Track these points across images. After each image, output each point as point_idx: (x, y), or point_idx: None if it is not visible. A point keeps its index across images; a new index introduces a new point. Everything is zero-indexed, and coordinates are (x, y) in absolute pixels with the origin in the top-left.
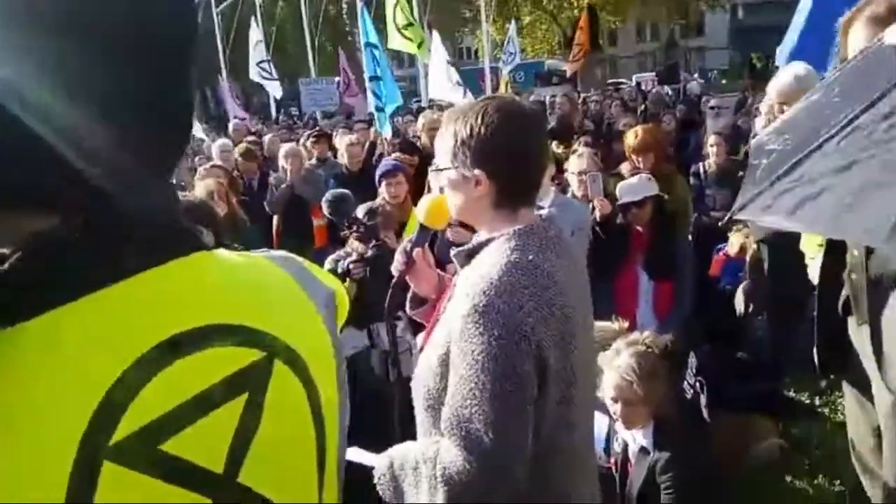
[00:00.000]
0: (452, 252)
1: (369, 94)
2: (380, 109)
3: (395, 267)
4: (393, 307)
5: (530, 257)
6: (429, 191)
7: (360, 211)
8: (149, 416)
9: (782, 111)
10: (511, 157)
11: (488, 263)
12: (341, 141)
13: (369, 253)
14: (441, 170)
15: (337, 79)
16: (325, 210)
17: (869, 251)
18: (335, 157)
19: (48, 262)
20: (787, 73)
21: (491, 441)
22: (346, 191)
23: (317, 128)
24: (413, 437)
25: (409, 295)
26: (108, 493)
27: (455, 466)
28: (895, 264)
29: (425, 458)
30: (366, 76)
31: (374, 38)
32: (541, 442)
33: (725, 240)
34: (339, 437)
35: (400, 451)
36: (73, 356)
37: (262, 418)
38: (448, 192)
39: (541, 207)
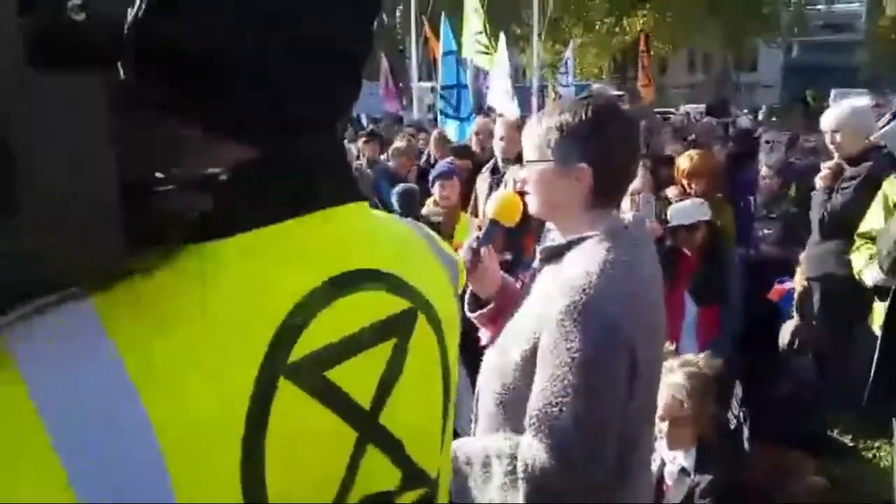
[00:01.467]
0: (539, 248)
1: (439, 101)
2: (451, 116)
3: None
4: None
5: (625, 258)
6: (475, 197)
7: None
8: (318, 343)
9: (834, 140)
10: (618, 151)
11: (584, 262)
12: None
13: None
14: (534, 162)
15: (377, 83)
16: (396, 203)
17: None
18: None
19: (252, 186)
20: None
21: (580, 440)
22: (414, 185)
23: (369, 128)
24: None
25: (466, 296)
26: (282, 409)
27: (539, 462)
28: None
29: (499, 453)
30: (438, 84)
31: (454, 46)
32: (626, 438)
33: (785, 273)
34: (453, 406)
35: (465, 445)
36: (262, 277)
37: (405, 367)
38: (536, 189)
39: None
